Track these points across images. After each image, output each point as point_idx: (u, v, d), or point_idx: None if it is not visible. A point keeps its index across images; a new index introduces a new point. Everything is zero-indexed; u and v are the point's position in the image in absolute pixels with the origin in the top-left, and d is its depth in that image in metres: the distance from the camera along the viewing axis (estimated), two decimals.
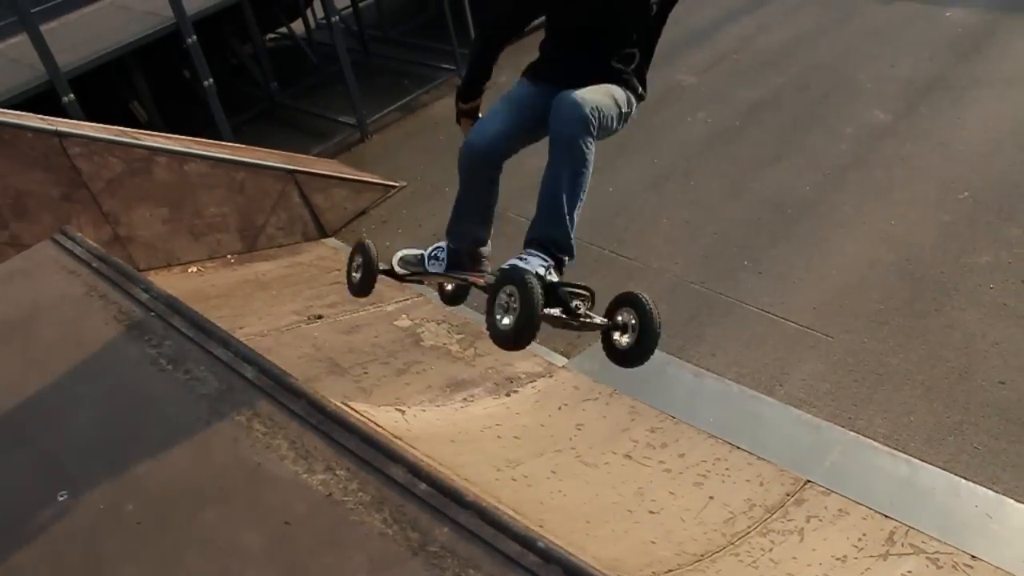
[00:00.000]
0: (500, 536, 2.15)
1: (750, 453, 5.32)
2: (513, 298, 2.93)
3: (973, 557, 4.68)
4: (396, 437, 4.83)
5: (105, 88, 10.33)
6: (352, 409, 4.98)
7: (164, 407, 3.16)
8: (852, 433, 5.68)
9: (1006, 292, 6.63)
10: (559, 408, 5.65)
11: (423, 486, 2.36)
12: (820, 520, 4.97)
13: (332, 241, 8.82)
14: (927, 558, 4.71)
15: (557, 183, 3.20)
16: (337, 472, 2.51)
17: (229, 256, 8.29)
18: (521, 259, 3.17)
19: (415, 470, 2.40)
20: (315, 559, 2.31)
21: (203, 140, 8.88)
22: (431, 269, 3.87)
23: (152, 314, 3.60)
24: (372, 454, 2.53)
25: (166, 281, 7.67)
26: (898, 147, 8.63)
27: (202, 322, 3.41)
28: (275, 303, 7.31)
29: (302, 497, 2.47)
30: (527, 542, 2.11)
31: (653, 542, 4.50)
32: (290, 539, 2.38)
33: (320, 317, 6.96)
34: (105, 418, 3.18)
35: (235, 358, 3.14)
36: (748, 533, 4.61)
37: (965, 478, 5.27)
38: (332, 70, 11.79)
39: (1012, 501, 5.08)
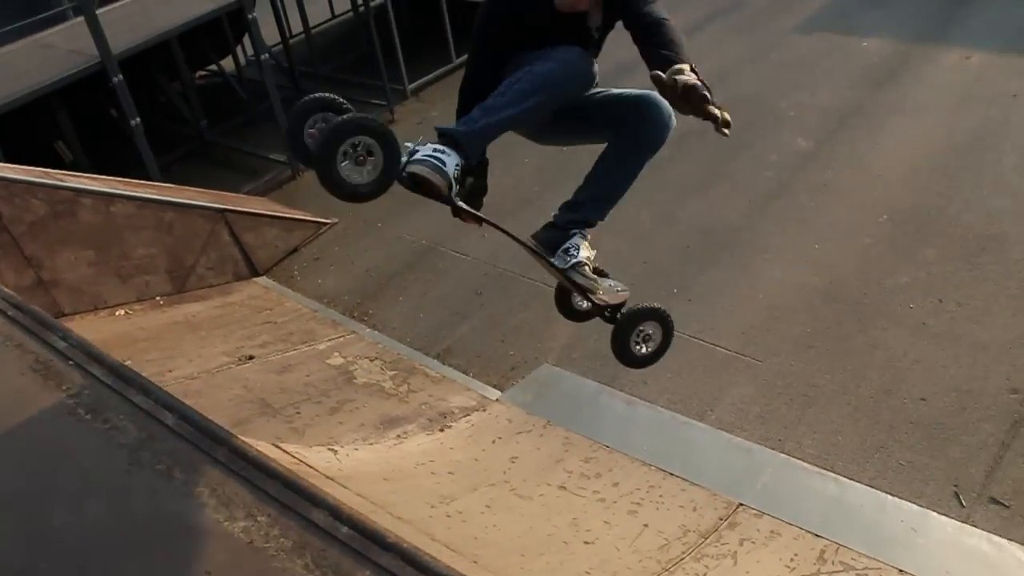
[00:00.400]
0: None
1: (683, 479, 5.38)
2: (655, 332, 3.87)
3: (900, 571, 4.79)
4: (329, 477, 4.79)
5: (28, 128, 10.12)
6: (283, 450, 4.93)
7: (82, 458, 3.09)
8: (782, 455, 5.78)
9: (925, 311, 6.86)
10: (493, 442, 5.66)
11: (345, 529, 2.34)
12: (753, 543, 5.03)
13: (263, 280, 8.73)
14: (857, 574, 4.80)
15: (631, 177, 3.63)
16: (258, 519, 2.48)
17: (158, 298, 8.14)
18: (574, 246, 3.63)
19: (337, 513, 2.39)
20: None
21: (130, 180, 8.74)
22: (459, 202, 3.36)
23: (70, 363, 3.52)
24: (293, 499, 2.50)
25: (92, 325, 7.50)
26: (820, 173, 8.90)
27: (122, 369, 3.35)
28: (206, 345, 7.20)
29: (223, 546, 2.43)
30: None
31: (588, 572, 4.51)
32: None
33: (251, 358, 6.87)
34: (19, 473, 3.09)
35: (156, 405, 3.09)
36: (682, 559, 4.65)
37: (891, 494, 5.40)
38: (263, 107, 11.72)
39: (935, 514, 5.22)
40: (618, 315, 3.86)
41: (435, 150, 3.07)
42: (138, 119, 9.35)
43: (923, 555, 4.96)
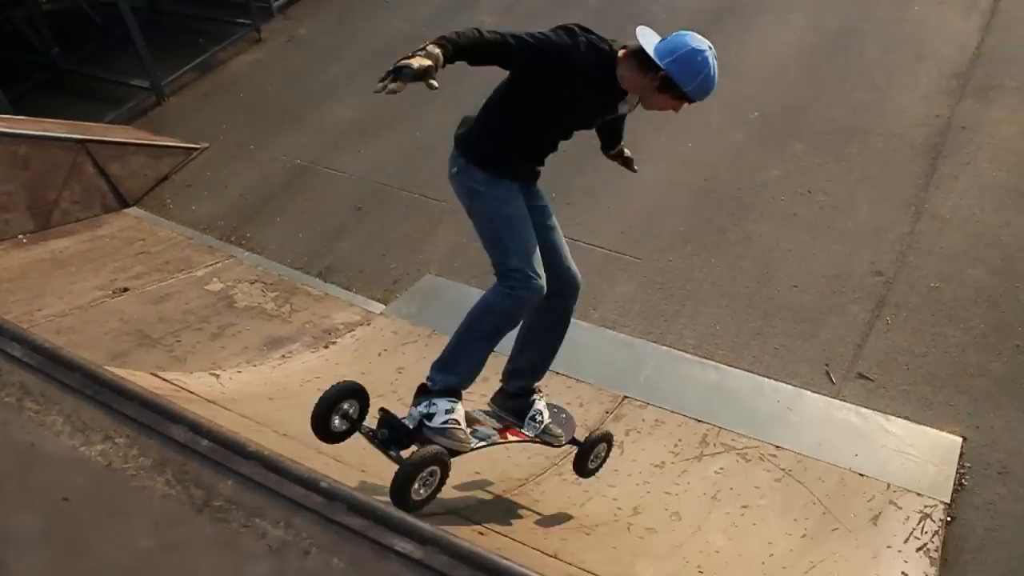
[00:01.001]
0: (284, 482, 2.13)
1: (569, 377, 5.51)
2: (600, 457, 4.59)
3: (777, 447, 5.06)
4: (210, 401, 4.71)
5: None
6: (163, 379, 4.81)
7: None
8: (664, 347, 5.96)
9: (795, 202, 7.08)
10: (379, 354, 5.65)
11: (205, 443, 2.29)
12: (639, 432, 5.22)
13: (135, 210, 8.37)
14: (737, 454, 5.05)
15: (559, 345, 4.23)
16: (116, 440, 2.40)
17: (20, 236, 7.74)
18: (538, 411, 4.30)
19: (196, 428, 2.33)
20: (97, 531, 2.23)
21: None
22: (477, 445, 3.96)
23: None
24: (152, 418, 2.43)
25: None
26: None
27: None
28: (76, 280, 6.92)
29: (80, 470, 2.35)
30: (310, 484, 2.10)
31: (478, 473, 4.61)
32: (69, 515, 2.27)
33: (126, 290, 6.65)
34: None
35: (1, 339, 2.94)
36: (571, 453, 4.77)
37: (767, 377, 5.65)
38: (121, 32, 11.03)
39: (809, 392, 5.50)
40: (581, 441, 4.49)
41: (447, 413, 3.80)
42: None
43: (798, 431, 5.23)
